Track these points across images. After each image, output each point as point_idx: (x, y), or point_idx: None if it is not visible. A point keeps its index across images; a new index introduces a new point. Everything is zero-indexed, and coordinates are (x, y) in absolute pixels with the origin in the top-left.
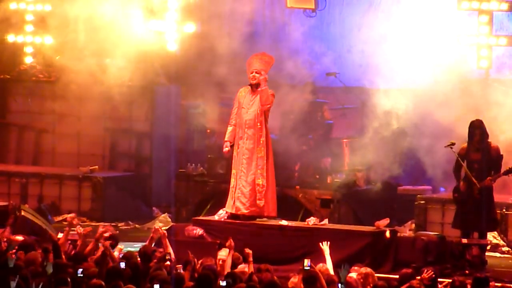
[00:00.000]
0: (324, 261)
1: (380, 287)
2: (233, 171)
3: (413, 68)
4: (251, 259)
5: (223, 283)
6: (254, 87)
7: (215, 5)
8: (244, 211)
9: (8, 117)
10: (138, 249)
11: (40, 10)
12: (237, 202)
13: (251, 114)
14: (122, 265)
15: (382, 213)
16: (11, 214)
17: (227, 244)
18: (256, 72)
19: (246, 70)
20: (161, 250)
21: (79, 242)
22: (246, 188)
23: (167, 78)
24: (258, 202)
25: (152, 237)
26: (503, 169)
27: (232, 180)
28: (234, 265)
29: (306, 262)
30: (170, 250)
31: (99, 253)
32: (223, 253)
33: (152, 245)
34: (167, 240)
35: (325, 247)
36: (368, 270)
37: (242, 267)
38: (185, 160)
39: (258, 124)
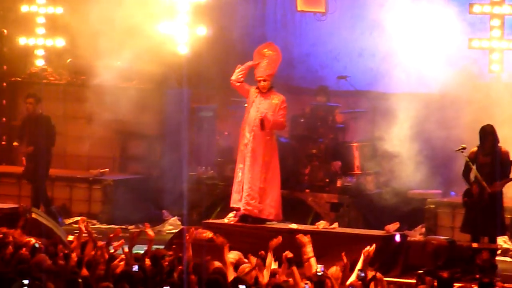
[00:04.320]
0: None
1: None
2: (240, 165)
3: (425, 72)
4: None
5: (242, 287)
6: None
7: (227, 8)
8: (241, 207)
9: (19, 120)
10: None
11: (52, 12)
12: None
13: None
14: (135, 268)
15: (392, 217)
16: (22, 217)
17: (218, 240)
18: (263, 81)
19: (253, 61)
20: (170, 253)
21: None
22: (246, 185)
23: (178, 81)
24: (258, 204)
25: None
26: None
27: (239, 174)
28: (236, 266)
29: (319, 267)
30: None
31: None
32: (231, 256)
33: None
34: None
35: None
36: (378, 275)
37: (244, 267)
38: (195, 163)
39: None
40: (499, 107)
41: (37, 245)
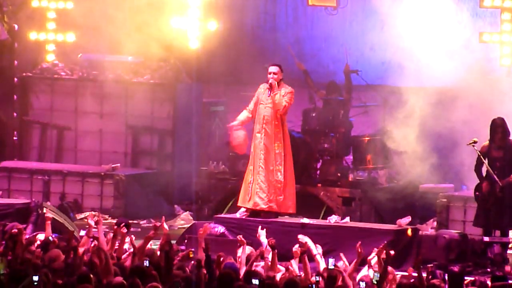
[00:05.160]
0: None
1: (404, 285)
2: (250, 167)
3: (435, 66)
4: (267, 255)
5: (256, 281)
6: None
7: (238, 3)
8: (263, 206)
9: (30, 115)
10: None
11: (62, 7)
12: (255, 197)
13: (268, 110)
14: (146, 263)
15: (403, 211)
16: (33, 212)
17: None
18: (274, 74)
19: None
20: (183, 248)
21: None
22: (265, 183)
23: (189, 76)
24: (278, 198)
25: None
26: None
27: (249, 176)
28: (248, 261)
29: (331, 261)
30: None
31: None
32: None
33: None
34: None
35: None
36: (389, 269)
37: (256, 264)
38: (206, 158)
39: (275, 121)
40: (510, 101)
41: (50, 239)
